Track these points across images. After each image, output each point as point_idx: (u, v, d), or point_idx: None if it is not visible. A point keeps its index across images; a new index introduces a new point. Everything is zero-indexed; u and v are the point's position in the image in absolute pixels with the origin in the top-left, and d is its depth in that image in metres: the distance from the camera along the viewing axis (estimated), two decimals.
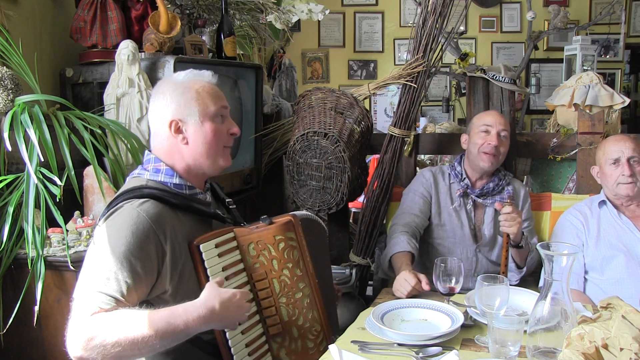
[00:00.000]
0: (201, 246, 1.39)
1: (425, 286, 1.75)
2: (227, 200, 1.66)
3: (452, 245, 2.23)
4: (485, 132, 2.18)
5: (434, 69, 2.47)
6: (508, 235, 2.01)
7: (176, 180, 1.46)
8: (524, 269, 2.13)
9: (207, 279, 1.38)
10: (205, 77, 1.52)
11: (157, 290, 1.36)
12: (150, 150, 1.52)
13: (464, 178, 2.25)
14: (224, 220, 1.54)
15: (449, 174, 2.29)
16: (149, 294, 1.35)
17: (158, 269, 1.34)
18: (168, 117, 1.45)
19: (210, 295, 1.29)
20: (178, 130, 1.46)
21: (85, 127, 1.79)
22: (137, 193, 1.38)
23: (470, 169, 2.27)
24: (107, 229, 1.32)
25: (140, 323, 1.23)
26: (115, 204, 1.37)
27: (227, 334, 1.40)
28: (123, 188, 1.45)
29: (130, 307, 1.27)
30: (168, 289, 1.36)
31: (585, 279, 2.07)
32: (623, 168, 2.03)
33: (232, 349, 1.40)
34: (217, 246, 1.42)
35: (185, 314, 1.26)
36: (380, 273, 2.31)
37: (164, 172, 1.46)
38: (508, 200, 2.00)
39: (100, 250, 1.30)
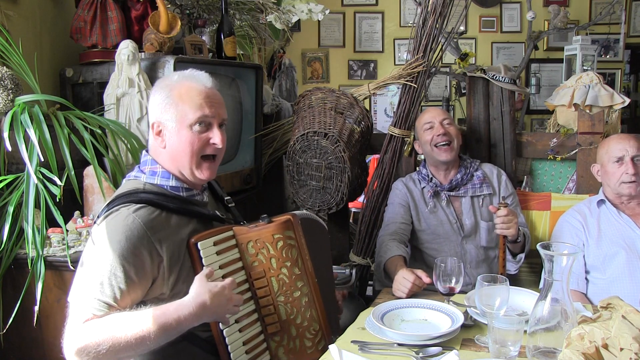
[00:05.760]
0: (199, 244, 1.39)
1: (426, 279, 1.75)
2: (226, 198, 1.65)
3: (438, 246, 2.24)
4: (430, 129, 2.26)
5: (434, 69, 2.48)
6: (505, 237, 2.02)
7: (172, 183, 1.45)
8: (522, 255, 2.15)
9: None
10: (198, 79, 1.47)
11: (153, 293, 1.36)
12: (147, 151, 1.51)
13: (432, 178, 2.28)
14: (223, 221, 1.53)
15: (418, 179, 2.32)
16: (145, 295, 1.35)
17: (153, 275, 1.34)
18: (152, 118, 1.46)
19: (200, 291, 1.29)
20: (159, 133, 1.45)
21: (85, 127, 1.79)
22: (134, 197, 1.37)
23: (434, 167, 2.31)
24: (102, 233, 1.32)
25: (132, 325, 1.24)
26: (113, 206, 1.36)
27: (225, 332, 1.40)
28: (120, 190, 1.44)
29: (122, 311, 1.27)
30: (165, 291, 1.36)
31: (587, 280, 2.07)
32: (627, 167, 2.02)
33: (229, 347, 1.40)
34: (215, 244, 1.42)
35: (176, 311, 1.26)
36: (377, 285, 2.32)
37: (160, 174, 1.45)
38: (502, 202, 2.00)
39: (95, 255, 1.30)
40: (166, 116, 1.43)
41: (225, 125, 1.51)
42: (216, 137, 1.46)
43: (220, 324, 1.38)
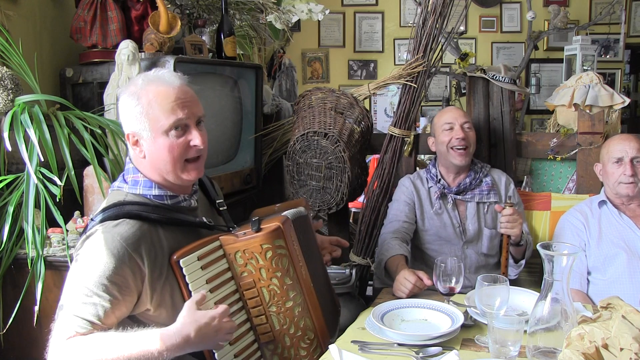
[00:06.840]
0: (181, 261, 1.34)
1: (427, 281, 1.75)
2: (217, 202, 1.61)
3: (439, 248, 2.24)
4: (449, 129, 2.22)
5: (434, 69, 2.47)
6: (509, 237, 2.01)
7: (155, 192, 1.41)
8: (523, 261, 2.14)
9: (190, 294, 1.35)
10: (164, 80, 1.39)
11: (139, 308, 1.34)
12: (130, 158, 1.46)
13: (440, 179, 2.26)
14: (212, 228, 1.47)
15: (426, 178, 2.31)
16: (133, 310, 1.33)
17: (138, 291, 1.31)
18: (126, 129, 1.40)
19: (186, 322, 1.26)
20: (135, 144, 1.40)
21: (85, 127, 1.79)
22: (113, 212, 1.33)
23: (445, 168, 2.28)
24: (84, 252, 1.30)
25: (114, 349, 1.22)
26: (95, 223, 1.34)
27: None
28: (104, 203, 1.41)
29: (107, 330, 1.26)
30: (150, 308, 1.34)
31: (588, 280, 2.07)
32: (625, 168, 2.03)
33: None
34: (200, 258, 1.38)
35: (160, 341, 1.24)
36: (377, 283, 2.32)
37: (142, 184, 1.41)
38: (508, 202, 2.00)
39: (78, 274, 1.29)
40: (139, 126, 1.37)
41: (203, 121, 1.44)
42: (196, 138, 1.39)
43: None
